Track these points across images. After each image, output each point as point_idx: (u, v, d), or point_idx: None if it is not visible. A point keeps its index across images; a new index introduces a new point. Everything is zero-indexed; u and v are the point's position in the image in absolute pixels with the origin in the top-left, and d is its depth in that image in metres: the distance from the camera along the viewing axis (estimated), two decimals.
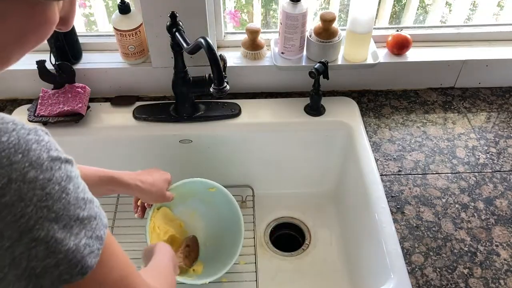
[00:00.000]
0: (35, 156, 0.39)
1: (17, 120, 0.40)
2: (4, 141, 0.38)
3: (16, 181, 0.37)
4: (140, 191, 0.90)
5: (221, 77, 0.79)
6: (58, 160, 0.41)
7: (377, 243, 0.88)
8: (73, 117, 1.05)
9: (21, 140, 0.39)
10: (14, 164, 0.38)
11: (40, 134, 0.41)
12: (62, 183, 0.41)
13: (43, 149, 0.40)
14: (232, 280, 1.02)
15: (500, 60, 1.16)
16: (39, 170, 0.39)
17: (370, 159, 1.01)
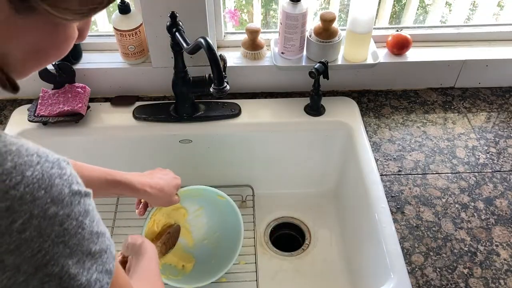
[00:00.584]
0: (57, 192, 0.39)
1: (41, 151, 0.41)
2: (29, 176, 0.38)
3: (37, 217, 0.38)
4: (147, 197, 0.88)
5: (221, 77, 0.79)
6: (78, 195, 0.42)
7: (377, 243, 0.88)
8: (73, 117, 1.05)
9: (44, 174, 0.39)
10: (37, 200, 0.38)
11: (63, 167, 0.41)
12: (80, 218, 0.41)
13: (65, 184, 0.41)
14: (232, 280, 1.02)
15: (500, 60, 1.16)
16: (59, 205, 0.39)
17: (370, 159, 1.01)
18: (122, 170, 0.89)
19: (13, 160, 0.38)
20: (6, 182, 0.37)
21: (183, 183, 1.02)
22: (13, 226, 0.37)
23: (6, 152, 0.38)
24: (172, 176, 0.94)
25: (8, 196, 0.37)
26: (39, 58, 0.44)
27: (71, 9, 0.40)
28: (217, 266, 0.97)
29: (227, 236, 1.01)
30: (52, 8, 0.39)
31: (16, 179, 0.37)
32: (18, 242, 0.37)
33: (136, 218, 1.04)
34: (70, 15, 0.41)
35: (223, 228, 1.03)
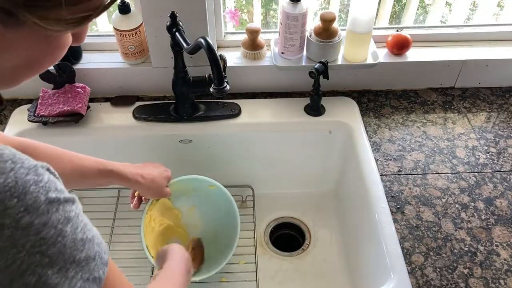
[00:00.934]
0: (31, 200, 0.38)
1: (17, 157, 0.39)
2: (0, 183, 0.36)
3: (9, 227, 0.36)
4: (139, 186, 0.90)
5: (221, 77, 0.79)
6: (56, 202, 0.40)
7: (377, 243, 0.88)
8: (73, 117, 1.05)
9: (18, 182, 0.37)
10: (8, 209, 0.36)
11: (40, 173, 0.39)
12: (59, 226, 0.39)
13: (41, 191, 0.39)
14: (232, 280, 1.02)
15: (500, 60, 1.16)
16: (34, 214, 0.38)
17: (370, 159, 1.01)
18: None
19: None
20: None
21: None
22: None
23: None
24: (163, 168, 0.95)
25: None
26: (31, 68, 0.43)
27: (62, 19, 0.38)
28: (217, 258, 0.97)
29: (224, 227, 1.01)
30: (42, 21, 0.37)
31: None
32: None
33: (136, 218, 1.04)
34: (61, 26, 0.39)
35: (218, 221, 1.03)
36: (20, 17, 0.36)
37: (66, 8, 0.37)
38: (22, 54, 0.41)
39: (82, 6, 0.38)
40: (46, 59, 0.43)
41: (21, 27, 0.38)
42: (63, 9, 0.37)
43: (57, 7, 0.36)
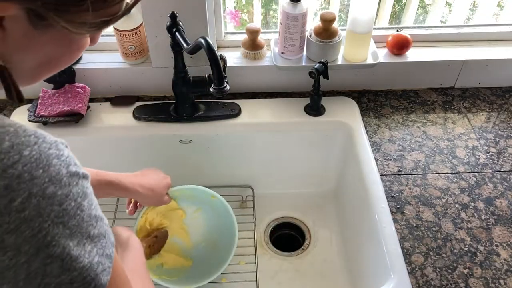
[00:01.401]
0: (54, 172, 0.40)
1: (39, 132, 0.41)
2: (26, 155, 0.38)
3: (36, 196, 0.38)
4: (138, 196, 0.90)
5: (221, 77, 0.79)
6: (76, 176, 0.42)
7: (377, 243, 0.88)
8: (73, 117, 1.05)
9: (42, 154, 0.39)
10: (35, 179, 0.38)
11: (61, 148, 0.42)
12: (78, 200, 0.41)
13: (63, 164, 0.41)
14: (232, 280, 1.02)
15: (500, 60, 1.16)
16: (58, 185, 0.40)
17: (370, 159, 1.01)
18: (122, 170, 0.89)
19: (11, 140, 0.38)
20: (4, 161, 0.37)
21: (183, 183, 1.02)
22: (12, 205, 0.37)
23: (4, 133, 0.39)
24: (162, 176, 0.95)
25: (6, 174, 0.37)
26: (51, 66, 0.46)
27: (86, 23, 0.41)
28: (213, 267, 0.97)
29: (223, 237, 1.01)
30: (69, 24, 0.40)
31: (14, 158, 0.38)
32: (18, 222, 0.37)
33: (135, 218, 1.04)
34: (84, 30, 0.42)
35: (219, 229, 1.03)
36: (50, 20, 0.39)
37: (91, 13, 0.40)
38: (45, 54, 0.44)
39: (104, 11, 0.42)
40: (65, 58, 0.46)
41: (48, 29, 0.41)
42: (89, 14, 0.40)
43: (84, 12, 0.40)
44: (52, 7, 0.38)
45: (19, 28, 0.39)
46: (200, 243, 1.05)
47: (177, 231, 1.04)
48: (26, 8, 0.38)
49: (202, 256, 1.03)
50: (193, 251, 1.05)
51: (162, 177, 0.94)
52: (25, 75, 0.44)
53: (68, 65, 0.47)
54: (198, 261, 1.03)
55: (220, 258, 0.97)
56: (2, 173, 0.37)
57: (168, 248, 1.02)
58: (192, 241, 1.05)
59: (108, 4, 0.42)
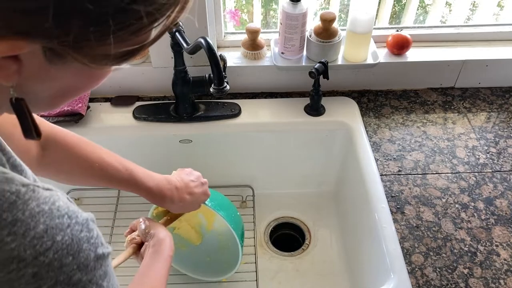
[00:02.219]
0: (83, 258, 0.40)
1: (71, 210, 0.40)
2: (59, 241, 0.38)
3: (61, 284, 0.38)
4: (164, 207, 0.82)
5: (221, 77, 0.79)
6: (101, 259, 0.42)
7: (377, 243, 0.88)
8: (73, 117, 1.05)
9: (74, 239, 0.39)
10: (64, 267, 0.38)
11: (91, 229, 0.41)
12: (99, 282, 0.41)
13: (92, 248, 0.41)
14: (232, 280, 1.02)
15: (500, 60, 1.16)
16: (84, 271, 0.40)
17: (370, 159, 1.01)
18: None
19: (45, 223, 0.38)
20: (36, 247, 0.37)
21: None
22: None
23: (39, 213, 0.38)
24: (203, 191, 0.84)
25: (37, 262, 0.37)
26: (70, 96, 0.43)
27: (109, 55, 0.37)
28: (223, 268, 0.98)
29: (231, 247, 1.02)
30: (89, 60, 0.37)
31: (47, 245, 0.37)
32: None
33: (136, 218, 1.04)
34: (108, 63, 0.39)
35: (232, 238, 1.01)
36: (68, 57, 0.36)
37: (114, 46, 0.36)
38: (64, 85, 0.41)
39: (129, 42, 0.38)
40: (84, 89, 0.44)
41: (66, 64, 0.38)
42: (112, 47, 0.36)
43: (105, 46, 0.36)
44: (71, 45, 0.35)
45: (36, 62, 0.37)
46: (217, 236, 1.05)
47: (206, 211, 0.97)
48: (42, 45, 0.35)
49: (211, 247, 1.04)
50: (207, 235, 1.04)
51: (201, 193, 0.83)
52: (42, 103, 0.43)
53: (86, 92, 0.45)
54: (205, 248, 1.03)
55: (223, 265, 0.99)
56: (33, 261, 0.36)
57: (189, 217, 0.99)
58: (213, 227, 1.05)
59: (135, 35, 0.37)
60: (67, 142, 0.73)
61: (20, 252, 0.36)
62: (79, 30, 0.34)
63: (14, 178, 0.39)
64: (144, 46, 0.39)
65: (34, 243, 0.37)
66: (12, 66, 0.36)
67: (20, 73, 0.37)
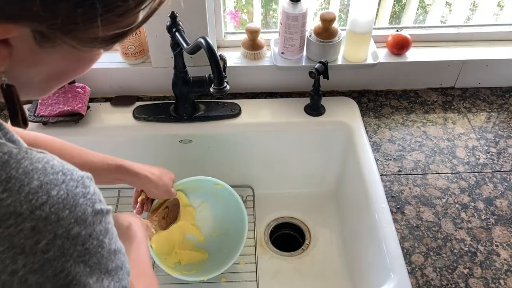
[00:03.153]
0: (80, 212, 0.40)
1: (65, 168, 0.41)
2: (54, 195, 0.38)
3: (61, 238, 0.38)
4: (148, 182, 0.89)
5: (221, 77, 0.79)
6: (100, 214, 0.42)
7: (377, 243, 0.88)
8: (73, 117, 1.05)
9: (69, 194, 0.40)
10: (61, 220, 0.38)
11: (87, 185, 0.42)
12: (100, 237, 0.42)
13: (89, 203, 0.41)
14: (232, 280, 1.02)
15: (500, 60, 1.16)
16: (82, 225, 0.40)
17: (370, 159, 1.01)
18: None
19: (39, 179, 0.38)
20: (32, 202, 0.37)
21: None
22: (37, 246, 0.37)
23: (33, 170, 0.38)
24: (165, 170, 0.95)
25: (33, 216, 0.37)
26: (62, 79, 0.44)
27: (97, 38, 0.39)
28: (229, 254, 0.98)
29: (233, 224, 1.02)
30: (78, 42, 0.38)
31: (42, 199, 0.38)
32: (42, 262, 0.37)
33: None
34: (96, 45, 0.40)
35: (228, 217, 1.04)
36: (57, 40, 0.37)
37: (102, 28, 0.37)
38: (55, 69, 0.42)
39: (117, 24, 0.39)
40: (76, 72, 0.44)
41: (56, 48, 0.39)
42: (99, 30, 0.37)
43: (93, 29, 0.37)
44: (59, 27, 0.36)
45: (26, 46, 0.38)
46: (212, 234, 1.06)
47: (188, 227, 1.04)
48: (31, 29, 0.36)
49: (216, 246, 1.04)
50: (207, 244, 1.05)
51: (166, 171, 0.95)
52: (34, 88, 0.44)
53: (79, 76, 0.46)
54: (214, 252, 1.03)
55: (234, 244, 0.98)
56: (30, 215, 0.37)
57: (183, 246, 1.03)
58: (204, 234, 1.06)
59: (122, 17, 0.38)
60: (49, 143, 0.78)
61: (17, 207, 0.37)
62: (67, 13, 0.35)
63: (7, 143, 0.40)
64: (132, 29, 0.41)
65: (29, 198, 0.37)
66: (2, 50, 0.37)
67: (10, 57, 0.38)
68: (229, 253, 0.98)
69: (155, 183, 0.89)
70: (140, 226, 0.80)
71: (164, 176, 0.92)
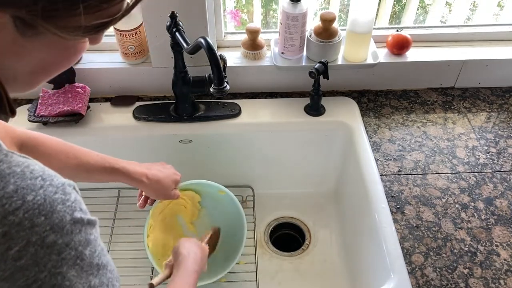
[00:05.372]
0: (57, 219, 0.38)
1: (46, 173, 0.39)
2: (29, 201, 0.37)
3: (34, 245, 0.36)
4: (143, 187, 0.88)
5: (221, 77, 0.79)
6: (79, 223, 0.40)
7: (377, 243, 0.88)
8: (73, 117, 1.05)
9: (47, 200, 0.38)
10: (36, 227, 0.37)
11: (68, 192, 0.40)
12: (79, 248, 0.40)
13: (67, 211, 0.39)
14: (232, 280, 1.02)
15: (500, 60, 1.16)
16: (59, 234, 0.38)
17: (370, 159, 1.01)
18: None
19: (16, 183, 0.37)
20: (5, 206, 0.36)
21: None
22: (8, 253, 0.36)
23: (10, 174, 0.37)
24: (172, 171, 0.93)
25: (6, 221, 0.36)
26: (48, 71, 0.43)
27: (80, 27, 0.37)
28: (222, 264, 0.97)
29: (231, 233, 1.01)
30: (60, 30, 0.37)
31: (16, 204, 0.36)
32: (13, 270, 0.36)
33: (136, 218, 1.04)
34: (79, 34, 0.39)
35: (226, 224, 1.03)
36: (39, 28, 0.36)
37: (84, 16, 0.36)
38: (39, 60, 0.41)
39: (100, 13, 0.38)
40: (62, 63, 0.43)
41: (39, 36, 0.37)
42: (82, 17, 0.36)
43: (75, 16, 0.36)
44: (40, 14, 0.35)
45: (7, 35, 0.37)
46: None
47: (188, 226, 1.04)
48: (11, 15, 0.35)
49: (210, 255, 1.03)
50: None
51: (171, 172, 0.93)
52: (20, 81, 0.42)
53: (66, 68, 0.44)
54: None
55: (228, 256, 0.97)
56: (2, 220, 0.36)
57: None
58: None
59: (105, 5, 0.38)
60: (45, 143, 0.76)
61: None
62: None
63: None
64: (116, 18, 0.40)
65: (3, 202, 0.36)
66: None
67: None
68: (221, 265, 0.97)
69: (152, 188, 0.88)
70: (199, 258, 0.79)
71: (165, 179, 0.90)
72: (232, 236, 1.00)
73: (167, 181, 0.90)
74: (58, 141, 0.80)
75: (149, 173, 0.88)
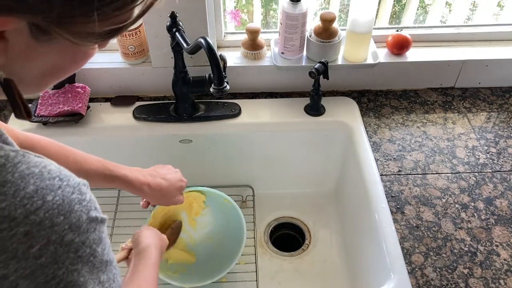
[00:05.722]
0: (75, 219, 0.40)
1: (62, 174, 0.41)
2: (49, 201, 0.38)
3: (54, 244, 0.38)
4: (145, 196, 0.86)
5: (221, 77, 0.79)
6: (95, 222, 0.42)
7: (377, 243, 0.88)
8: (73, 117, 1.05)
9: (65, 200, 0.39)
10: (55, 226, 0.38)
11: (83, 192, 0.42)
12: (93, 246, 0.41)
13: (84, 210, 0.41)
14: (232, 280, 1.02)
15: (500, 60, 1.16)
16: (76, 232, 0.40)
17: (370, 159, 1.01)
18: None
19: (35, 184, 0.38)
20: (27, 206, 0.37)
21: None
22: (30, 251, 0.37)
23: (29, 175, 0.38)
24: (178, 177, 0.89)
25: (28, 221, 0.37)
26: (57, 75, 0.44)
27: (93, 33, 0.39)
28: (217, 268, 0.96)
29: (230, 239, 1.01)
30: (74, 36, 0.38)
31: (37, 204, 0.37)
32: (34, 268, 0.37)
33: (136, 218, 1.04)
34: (92, 40, 0.40)
35: (226, 230, 1.03)
36: (53, 33, 0.37)
37: (98, 23, 0.37)
38: (50, 64, 0.42)
39: (113, 20, 0.39)
40: (71, 67, 0.44)
41: (52, 41, 0.39)
42: (96, 24, 0.37)
43: (89, 23, 0.37)
44: (55, 20, 0.36)
45: (22, 40, 0.38)
46: (206, 241, 1.05)
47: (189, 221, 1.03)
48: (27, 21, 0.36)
49: (206, 255, 1.03)
50: (198, 248, 1.04)
51: (177, 179, 0.89)
52: (30, 84, 0.43)
53: (74, 72, 0.46)
54: (202, 259, 1.03)
55: (225, 260, 0.97)
56: (24, 219, 0.37)
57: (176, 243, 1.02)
58: (199, 238, 1.05)
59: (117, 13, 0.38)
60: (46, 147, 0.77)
61: (11, 211, 0.36)
62: (62, 6, 0.35)
63: (4, 146, 0.40)
64: (126, 25, 0.40)
65: (24, 203, 0.37)
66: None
67: (6, 51, 0.38)
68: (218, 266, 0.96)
69: (154, 196, 0.86)
70: (160, 248, 0.79)
71: (169, 188, 0.87)
72: (232, 236, 1.00)
73: (171, 189, 0.87)
74: (58, 145, 0.80)
75: (151, 182, 0.84)
